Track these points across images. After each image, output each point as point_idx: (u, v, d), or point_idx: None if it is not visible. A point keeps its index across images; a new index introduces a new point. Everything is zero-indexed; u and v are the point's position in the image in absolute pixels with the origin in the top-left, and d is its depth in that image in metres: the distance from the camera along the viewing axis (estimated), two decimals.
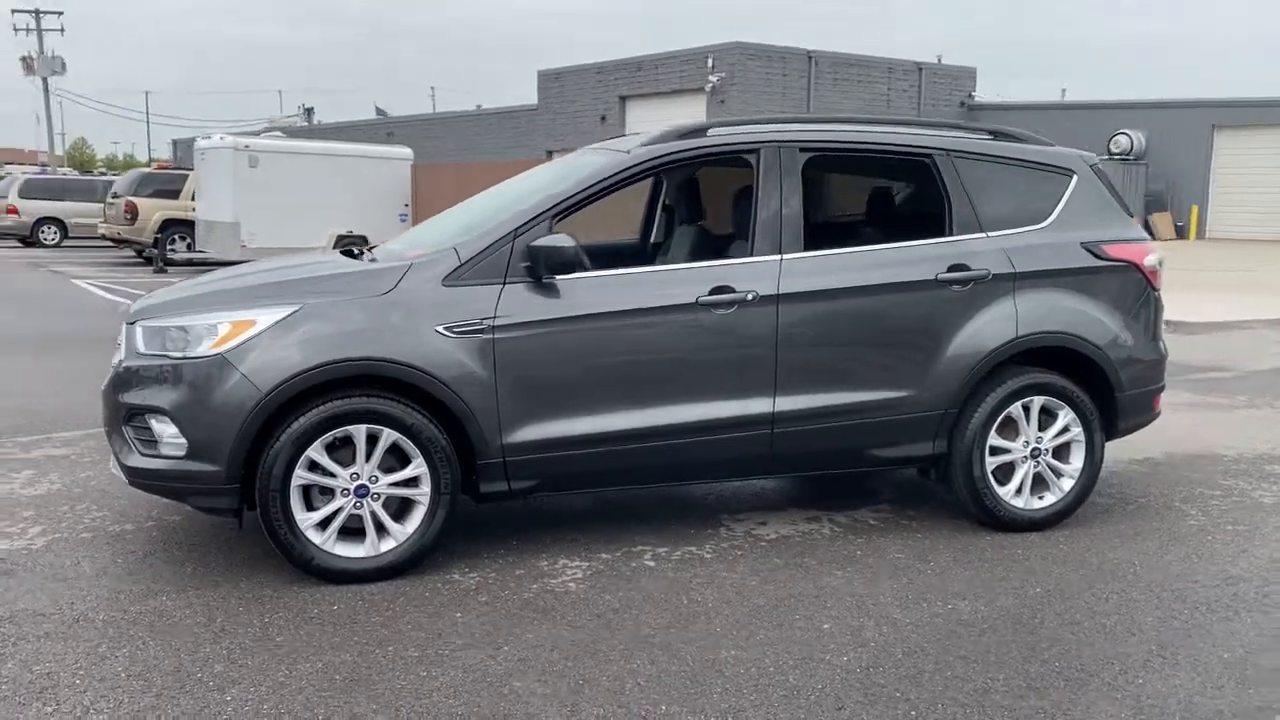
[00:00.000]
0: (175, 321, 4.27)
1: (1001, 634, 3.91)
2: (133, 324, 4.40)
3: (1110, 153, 33.18)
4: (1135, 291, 5.21)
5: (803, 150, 4.87)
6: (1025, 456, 5.04)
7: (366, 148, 23.96)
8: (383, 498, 4.31)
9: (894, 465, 5.13)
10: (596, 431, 4.50)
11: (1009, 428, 5.03)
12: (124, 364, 4.35)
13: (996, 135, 5.30)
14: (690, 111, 36.67)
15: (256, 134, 25.48)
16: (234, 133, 24.26)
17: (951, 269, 4.89)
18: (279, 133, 26.84)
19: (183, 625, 3.88)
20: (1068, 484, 5.10)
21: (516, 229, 4.48)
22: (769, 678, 3.54)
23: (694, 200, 5.87)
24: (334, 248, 12.24)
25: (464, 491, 4.48)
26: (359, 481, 4.26)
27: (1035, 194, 5.16)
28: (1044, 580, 4.46)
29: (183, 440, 4.16)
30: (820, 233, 5.15)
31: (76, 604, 4.05)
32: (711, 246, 5.35)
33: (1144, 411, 5.32)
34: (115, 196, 22.99)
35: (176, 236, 22.22)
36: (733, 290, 4.60)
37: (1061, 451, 5.11)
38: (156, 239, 22.22)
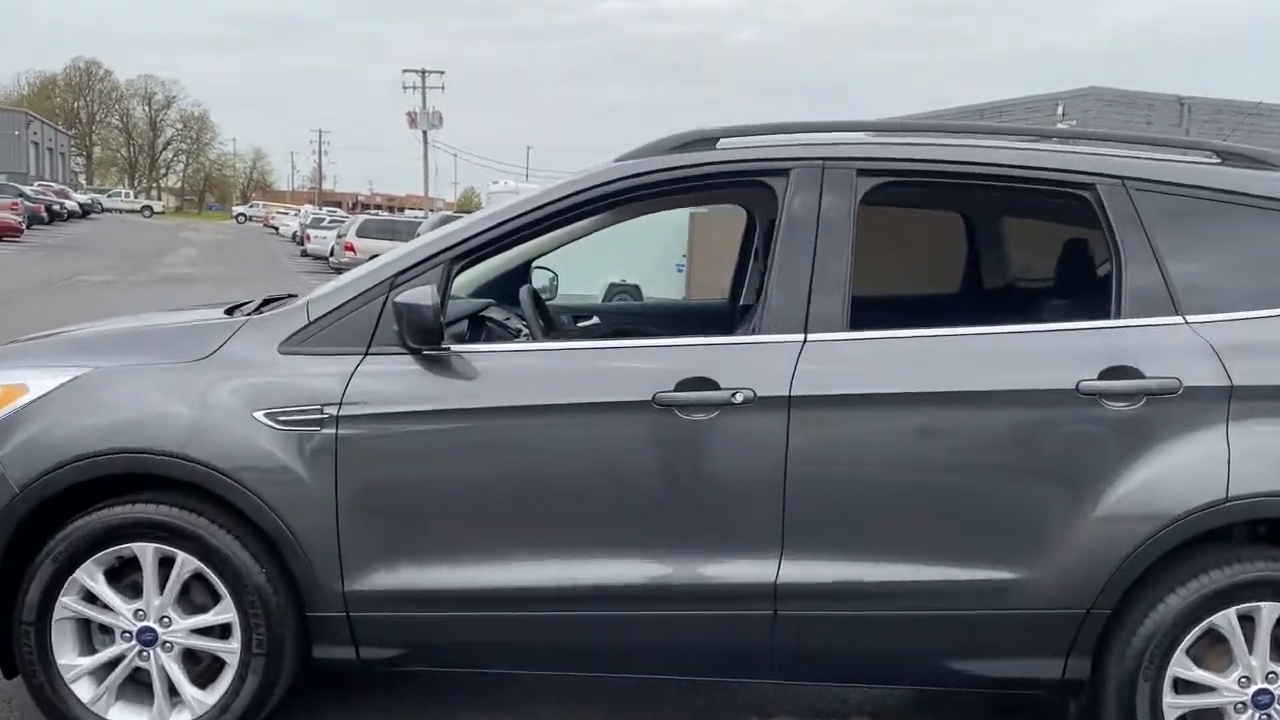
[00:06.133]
0: None
1: None
2: None
3: None
4: None
5: (863, 174, 3.07)
6: (1243, 704, 2.91)
7: None
8: (177, 648, 3.03)
9: (993, 688, 3.16)
10: (491, 585, 2.97)
11: (1215, 650, 2.94)
12: None
13: (1225, 158, 3.21)
14: None
15: None
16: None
17: (1107, 374, 2.90)
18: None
19: None
20: None
21: (394, 276, 3.09)
22: None
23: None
24: (605, 296, 11.49)
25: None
26: (144, 622, 3.02)
27: None
28: None
29: None
30: (882, 304, 3.33)
31: None
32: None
33: None
34: (416, 235, 24.03)
35: None
36: (715, 386, 2.92)
37: None
38: None
